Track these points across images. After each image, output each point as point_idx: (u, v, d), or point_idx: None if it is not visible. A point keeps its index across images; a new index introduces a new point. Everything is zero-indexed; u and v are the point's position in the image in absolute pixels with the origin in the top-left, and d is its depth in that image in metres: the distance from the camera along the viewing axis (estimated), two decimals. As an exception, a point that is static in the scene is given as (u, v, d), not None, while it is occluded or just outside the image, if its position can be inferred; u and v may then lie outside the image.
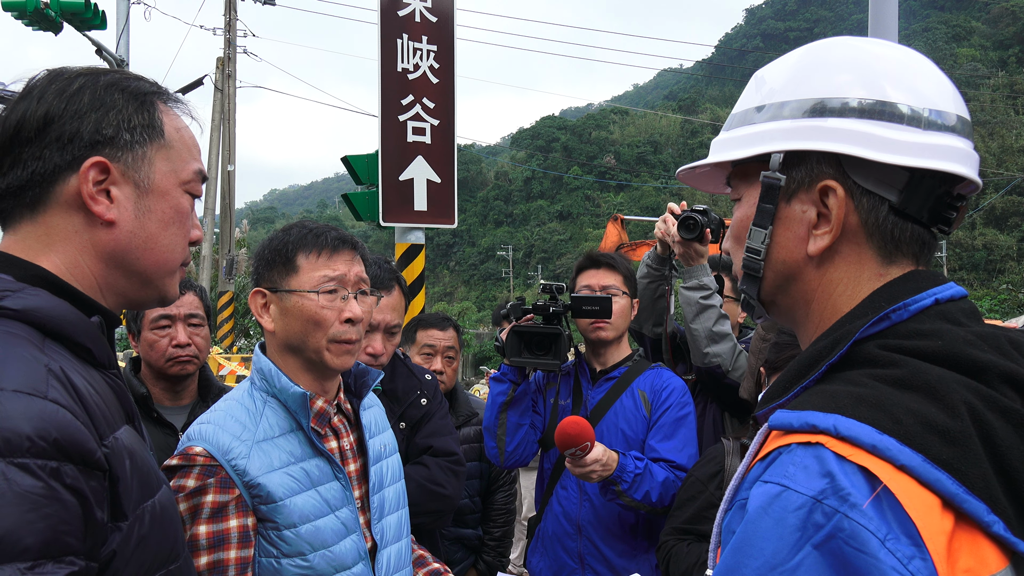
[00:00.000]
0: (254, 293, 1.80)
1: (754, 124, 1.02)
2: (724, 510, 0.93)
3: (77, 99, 1.12)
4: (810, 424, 0.82)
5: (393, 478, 1.97)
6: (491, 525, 3.49)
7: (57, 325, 1.04)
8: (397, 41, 5.10)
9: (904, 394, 0.82)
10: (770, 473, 0.82)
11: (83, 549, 0.95)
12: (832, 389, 0.86)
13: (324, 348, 1.75)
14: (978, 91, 73.80)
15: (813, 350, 0.93)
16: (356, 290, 1.81)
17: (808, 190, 0.97)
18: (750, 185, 1.04)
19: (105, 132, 1.12)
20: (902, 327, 0.90)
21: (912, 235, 0.96)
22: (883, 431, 0.78)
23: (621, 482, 2.52)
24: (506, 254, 78.53)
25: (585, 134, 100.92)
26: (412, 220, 5.24)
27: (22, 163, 1.09)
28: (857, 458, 0.77)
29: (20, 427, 0.91)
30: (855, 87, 0.95)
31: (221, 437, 1.64)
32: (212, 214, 19.89)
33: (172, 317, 2.60)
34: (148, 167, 1.17)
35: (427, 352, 3.28)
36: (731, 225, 1.10)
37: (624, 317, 2.87)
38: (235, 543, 1.60)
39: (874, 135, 0.92)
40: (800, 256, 0.99)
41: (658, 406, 2.75)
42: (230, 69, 19.71)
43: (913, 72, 0.97)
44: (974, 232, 54.83)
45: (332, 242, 1.78)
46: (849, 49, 0.99)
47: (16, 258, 1.10)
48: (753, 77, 1.10)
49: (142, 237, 1.17)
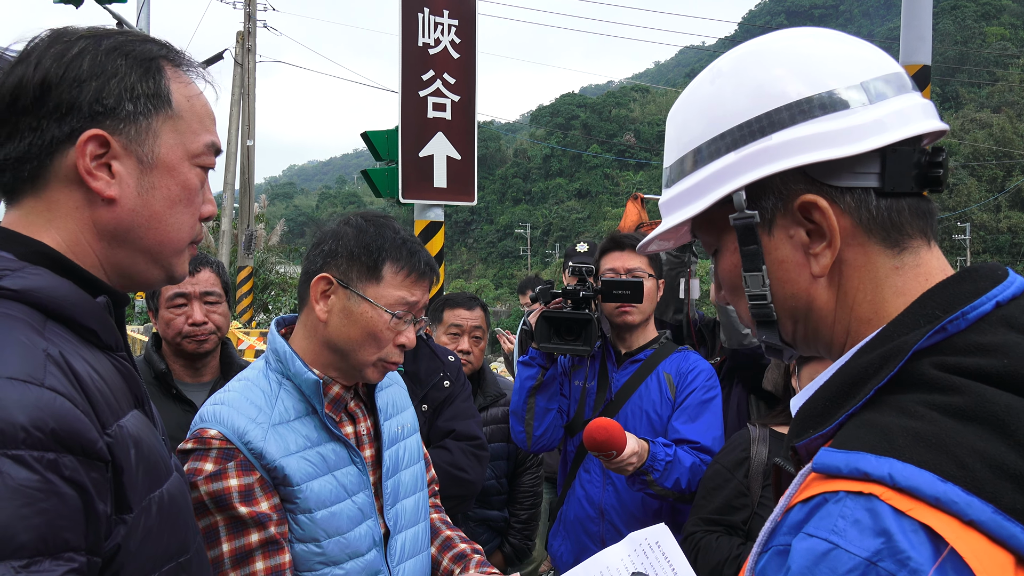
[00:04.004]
0: (321, 277, 1.69)
1: (698, 170, 0.94)
2: (758, 552, 0.83)
3: (76, 65, 1.03)
4: (861, 471, 0.72)
5: (411, 460, 1.91)
6: (517, 507, 3.47)
7: (59, 306, 0.98)
8: (418, 15, 5.02)
9: (968, 428, 0.71)
10: (815, 525, 0.72)
11: (84, 544, 0.89)
12: (884, 423, 0.75)
13: (370, 364, 1.71)
14: (1007, 71, 72.49)
15: (856, 366, 0.82)
16: (418, 317, 1.77)
17: (785, 213, 0.89)
18: (722, 233, 0.96)
19: (106, 102, 1.04)
20: (960, 340, 0.78)
21: (911, 210, 0.88)
22: (947, 478, 0.68)
23: (652, 471, 2.47)
24: (524, 232, 78.50)
25: (605, 112, 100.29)
26: (431, 197, 5.19)
27: (19, 134, 1.02)
28: (918, 513, 0.67)
29: (15, 417, 0.85)
30: (790, 87, 0.88)
31: (237, 420, 1.59)
32: (231, 189, 19.91)
33: (188, 295, 2.54)
34: (153, 140, 1.08)
35: (454, 332, 3.25)
36: (720, 277, 1.00)
37: (651, 300, 2.82)
38: (275, 519, 1.57)
39: (829, 132, 0.85)
40: (806, 282, 0.90)
41: (683, 388, 2.72)
42: (250, 43, 19.63)
43: (837, 49, 0.90)
44: (999, 215, 54.13)
45: (423, 267, 1.73)
46: (766, 54, 0.92)
47: (18, 234, 1.03)
48: (669, 121, 1.02)
49: (145, 215, 1.09)
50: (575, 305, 2.72)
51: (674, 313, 3.12)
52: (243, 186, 19.86)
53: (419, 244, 1.77)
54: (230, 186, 19.74)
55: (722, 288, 1.02)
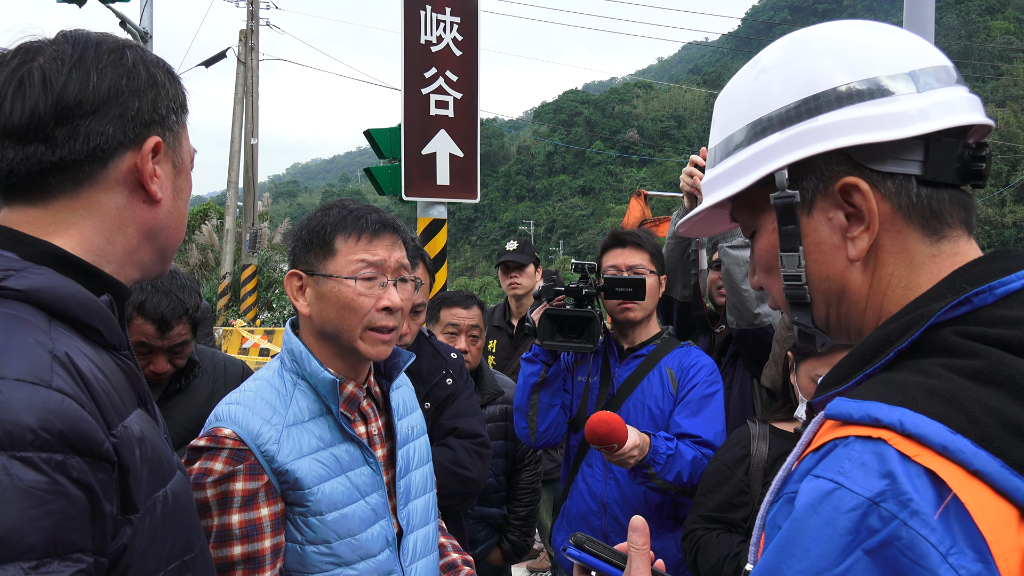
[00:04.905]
0: (290, 275, 1.73)
1: (741, 150, 0.95)
2: (769, 502, 0.85)
3: (136, 75, 1.09)
4: (872, 417, 0.73)
5: (420, 460, 1.92)
6: (516, 504, 3.47)
7: (64, 306, 0.99)
8: (420, 12, 5.03)
9: (984, 389, 0.72)
10: (823, 467, 0.74)
11: (91, 545, 0.90)
12: (900, 379, 0.77)
13: (358, 336, 1.68)
14: (1011, 64, 72.15)
15: (881, 333, 0.84)
16: (396, 277, 1.73)
17: (826, 195, 0.90)
18: (761, 213, 0.97)
19: (160, 111, 1.12)
20: (985, 313, 0.79)
21: (952, 201, 0.88)
22: (956, 430, 0.69)
23: (654, 464, 2.47)
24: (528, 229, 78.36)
25: (608, 108, 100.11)
26: (434, 194, 5.20)
27: (81, 136, 1.04)
28: (924, 459, 0.69)
29: (23, 419, 0.85)
30: (838, 74, 0.88)
31: (251, 420, 1.59)
32: (235, 187, 19.92)
33: (155, 348, 2.37)
34: (180, 147, 1.19)
35: (451, 331, 3.25)
36: (756, 258, 1.01)
37: (653, 296, 2.83)
38: (268, 532, 1.57)
39: (875, 115, 0.86)
40: (842, 265, 0.91)
41: (685, 383, 2.72)
42: (253, 41, 19.63)
43: (886, 39, 0.91)
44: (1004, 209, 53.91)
45: (373, 225, 1.70)
46: (814, 41, 0.94)
47: (22, 234, 1.04)
48: (717, 105, 1.03)
49: (176, 216, 1.18)
50: (577, 303, 2.73)
51: (682, 288, 3.11)
52: (247, 184, 19.87)
53: (370, 208, 1.75)
54: (234, 184, 19.75)
55: (757, 272, 1.03)
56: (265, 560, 1.55)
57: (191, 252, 21.85)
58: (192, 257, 21.87)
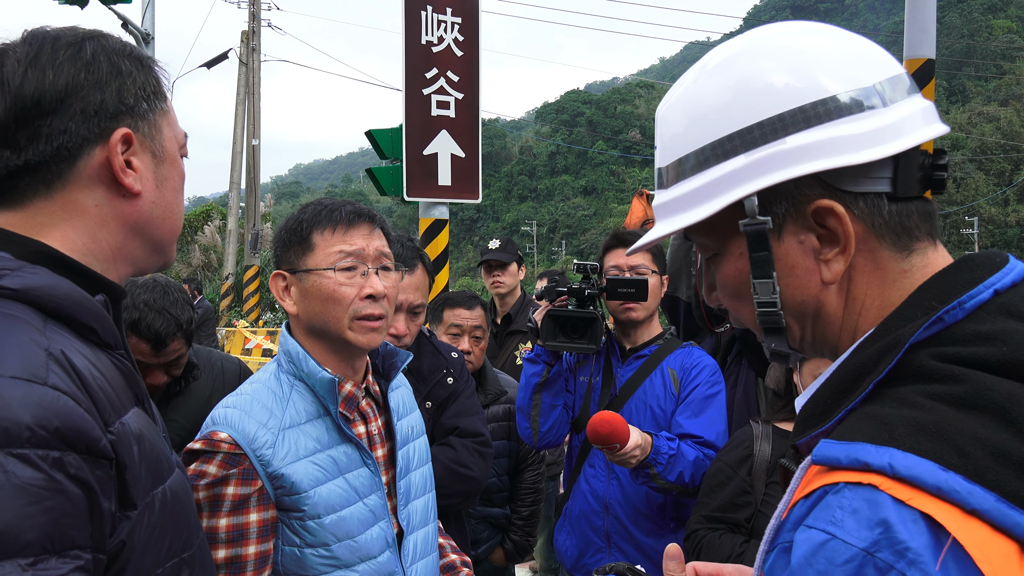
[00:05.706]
0: (274, 277, 1.74)
1: (702, 172, 0.90)
2: (764, 551, 0.83)
3: (95, 67, 1.06)
4: (861, 461, 0.71)
5: (420, 461, 1.91)
6: (519, 504, 3.47)
7: (59, 305, 0.99)
8: (421, 13, 5.02)
9: (968, 417, 0.70)
10: (815, 517, 0.71)
11: (90, 542, 0.90)
12: (883, 414, 0.74)
13: (346, 327, 1.68)
14: (1014, 64, 72.05)
15: (855, 361, 0.81)
16: (377, 265, 1.73)
17: (797, 218, 0.86)
18: (727, 237, 0.92)
19: (127, 101, 1.08)
20: (958, 330, 0.77)
21: (918, 214, 0.86)
22: (947, 466, 0.67)
23: (656, 464, 2.47)
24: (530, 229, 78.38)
25: (610, 108, 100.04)
26: (436, 195, 5.19)
27: (44, 137, 1.03)
28: (918, 503, 0.66)
29: (19, 416, 0.85)
30: (801, 92, 0.84)
31: (247, 424, 1.59)
32: (238, 188, 19.93)
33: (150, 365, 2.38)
34: (159, 135, 1.14)
35: (454, 332, 3.25)
36: (720, 282, 0.97)
37: (655, 296, 2.83)
38: (254, 538, 1.56)
39: (847, 136, 0.82)
40: (816, 288, 0.88)
41: (687, 384, 2.72)
42: (255, 43, 19.65)
43: (844, 48, 0.87)
44: (1007, 208, 53.81)
45: (347, 216, 1.71)
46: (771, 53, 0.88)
47: (15, 235, 1.03)
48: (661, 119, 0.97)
49: (162, 207, 1.15)
50: (580, 303, 2.73)
51: (687, 288, 3.10)
52: (249, 185, 19.88)
53: (345, 201, 1.76)
54: (236, 185, 19.76)
55: (715, 291, 0.99)
56: (247, 566, 1.55)
57: (194, 253, 21.88)
58: (195, 258, 21.89)
